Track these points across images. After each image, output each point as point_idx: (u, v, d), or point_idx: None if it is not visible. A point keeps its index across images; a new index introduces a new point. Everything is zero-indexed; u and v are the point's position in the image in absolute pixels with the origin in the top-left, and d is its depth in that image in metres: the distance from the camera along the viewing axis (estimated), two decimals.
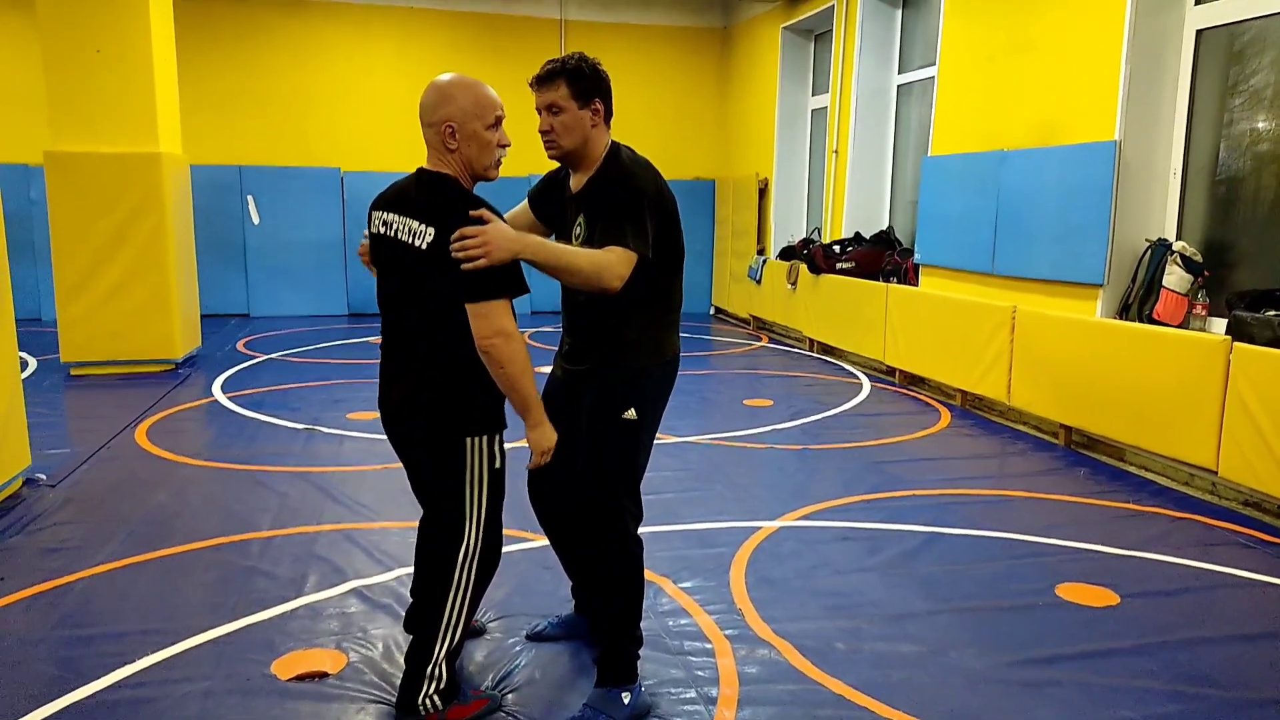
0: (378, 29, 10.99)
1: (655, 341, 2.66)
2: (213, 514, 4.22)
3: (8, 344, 4.42)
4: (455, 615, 2.48)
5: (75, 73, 6.98)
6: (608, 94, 2.62)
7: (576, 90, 2.55)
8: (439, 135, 2.35)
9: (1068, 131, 5.82)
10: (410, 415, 2.43)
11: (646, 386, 2.66)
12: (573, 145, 2.60)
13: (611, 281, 2.43)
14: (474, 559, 2.48)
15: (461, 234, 2.24)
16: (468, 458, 2.40)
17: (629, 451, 2.65)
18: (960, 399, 6.70)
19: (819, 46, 10.14)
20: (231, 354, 8.39)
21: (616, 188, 2.56)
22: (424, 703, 2.51)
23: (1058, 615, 3.32)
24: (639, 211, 2.52)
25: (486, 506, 2.47)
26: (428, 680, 2.50)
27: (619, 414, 2.60)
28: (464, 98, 2.35)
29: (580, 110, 2.56)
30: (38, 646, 3.01)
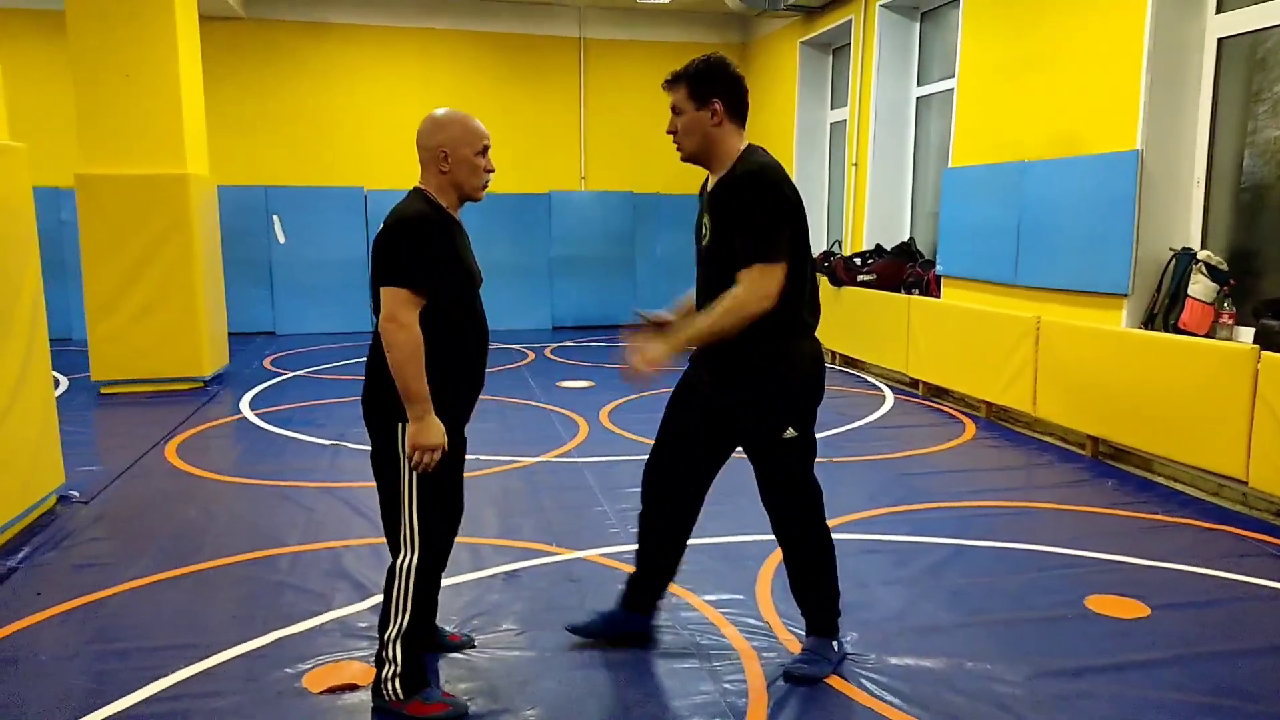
0: (399, 50, 11.12)
1: (798, 353, 2.71)
2: (242, 529, 4.27)
3: (42, 364, 4.50)
4: (401, 598, 2.62)
5: (105, 97, 7.12)
6: (731, 93, 2.65)
7: (694, 91, 2.62)
8: (433, 158, 2.61)
9: (1089, 141, 5.81)
10: (364, 405, 2.66)
11: (801, 402, 2.75)
12: (695, 147, 2.68)
13: (759, 307, 2.54)
14: (411, 546, 2.62)
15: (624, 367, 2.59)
16: (399, 442, 2.57)
17: (801, 460, 2.82)
18: (985, 410, 6.67)
19: (837, 60, 10.17)
20: (258, 371, 8.48)
21: (743, 193, 2.57)
22: (384, 686, 2.65)
23: (1087, 627, 3.30)
24: (777, 216, 2.55)
25: (418, 498, 2.60)
26: (385, 663, 2.65)
27: (779, 436, 2.72)
28: (456, 127, 2.62)
29: (698, 111, 2.63)
30: (73, 660, 3.05)
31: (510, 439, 5.85)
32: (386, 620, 2.64)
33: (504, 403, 6.75)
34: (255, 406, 6.93)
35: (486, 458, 5.17)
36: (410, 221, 2.51)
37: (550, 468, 5.27)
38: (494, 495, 4.68)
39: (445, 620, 3.22)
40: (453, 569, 3.73)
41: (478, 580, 3.66)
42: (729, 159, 2.66)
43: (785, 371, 2.69)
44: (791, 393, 2.72)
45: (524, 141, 11.24)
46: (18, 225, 4.31)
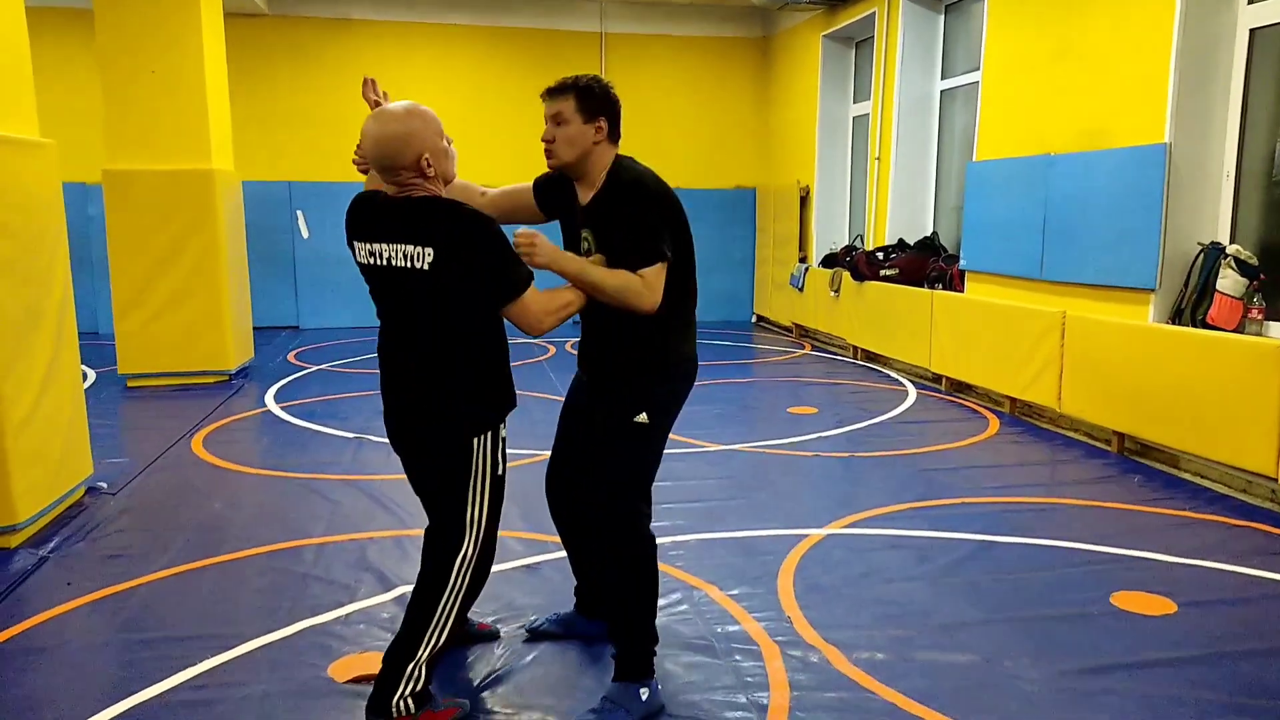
0: (420, 45, 11.15)
1: (668, 346, 2.69)
2: (267, 521, 4.31)
3: (71, 357, 4.55)
4: (443, 618, 2.54)
5: (131, 93, 7.18)
6: (615, 115, 2.68)
7: (583, 105, 2.62)
8: (417, 171, 2.40)
9: (1116, 135, 5.74)
10: (420, 419, 2.52)
11: (658, 391, 2.70)
12: (571, 158, 2.66)
13: (645, 303, 2.55)
14: (470, 564, 2.56)
15: (518, 233, 2.44)
16: (473, 458, 2.50)
17: (639, 455, 2.70)
18: (1009, 406, 6.62)
19: (860, 54, 10.11)
20: (283, 365, 8.55)
21: (628, 201, 2.61)
22: (398, 704, 2.52)
23: (1114, 624, 3.27)
24: (654, 221, 2.58)
25: (487, 513, 2.57)
26: (406, 679, 2.52)
27: (630, 417, 2.65)
28: (424, 127, 2.40)
29: (584, 125, 2.62)
30: (103, 649, 3.10)
31: (532, 433, 5.86)
32: (420, 638, 2.52)
33: (525, 396, 6.75)
34: (280, 400, 6.98)
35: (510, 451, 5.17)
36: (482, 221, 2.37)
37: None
38: (515, 489, 4.66)
39: None
40: None
41: (499, 573, 3.67)
42: (601, 172, 2.69)
43: (659, 357, 2.67)
44: (657, 378, 2.68)
45: None
46: (48, 220, 4.37)
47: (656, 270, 2.56)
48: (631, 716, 2.62)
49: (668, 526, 4.20)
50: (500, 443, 2.58)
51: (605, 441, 2.69)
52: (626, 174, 2.66)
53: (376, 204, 2.51)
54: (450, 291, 2.39)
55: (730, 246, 11.82)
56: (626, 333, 2.65)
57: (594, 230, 2.68)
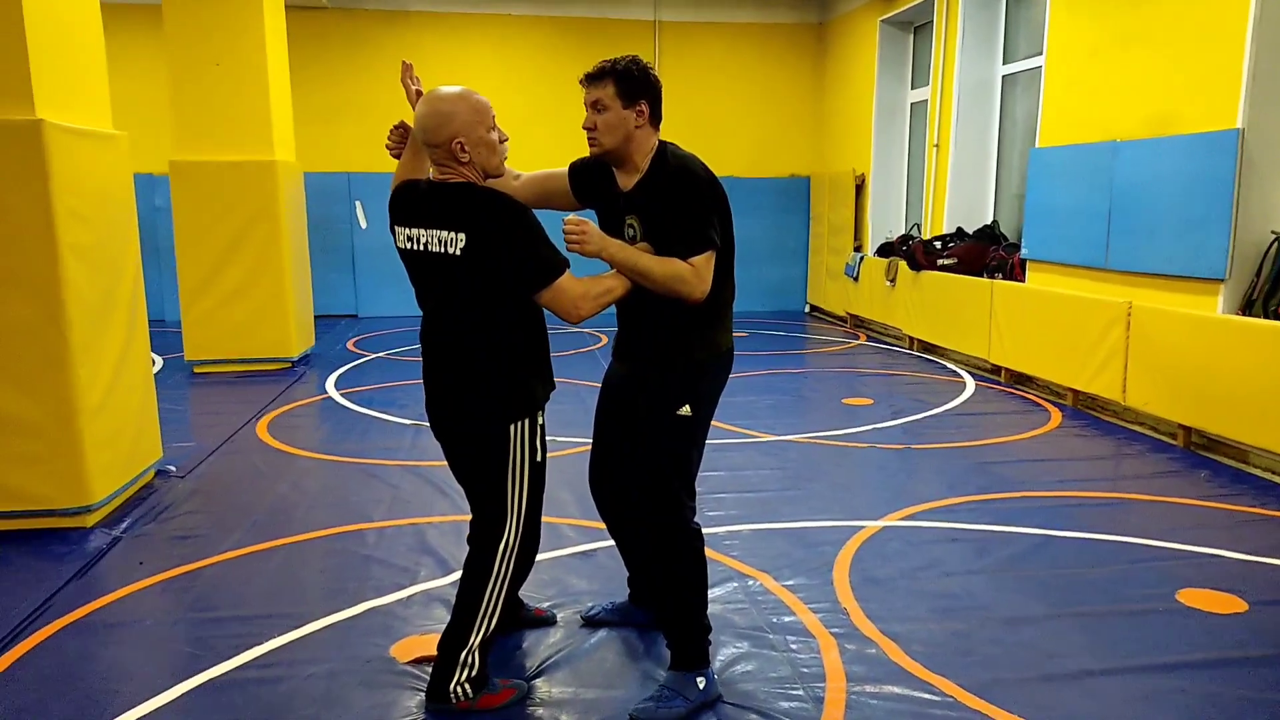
0: (476, 36, 11.23)
1: (708, 337, 2.67)
2: (330, 505, 4.40)
3: (142, 344, 4.69)
4: (492, 604, 2.58)
5: (197, 86, 7.36)
6: (656, 97, 2.64)
7: (623, 90, 2.58)
8: (449, 153, 2.43)
9: (1185, 120, 5.58)
10: (457, 406, 2.54)
11: (700, 382, 2.67)
12: (613, 144, 2.63)
13: (695, 292, 2.53)
14: (513, 550, 2.59)
15: (567, 220, 2.43)
16: (511, 445, 2.51)
17: (684, 447, 2.68)
18: (1071, 398, 6.48)
19: (919, 38, 9.94)
20: (342, 353, 8.71)
21: (677, 188, 2.57)
22: (455, 690, 2.59)
23: (1180, 622, 3.20)
24: (704, 208, 2.55)
25: (527, 498, 2.58)
26: (461, 667, 2.58)
27: (673, 410, 2.63)
28: (464, 111, 2.41)
29: (625, 110, 2.59)
30: (174, 627, 3.20)
31: (586, 420, 5.89)
32: (471, 625, 2.57)
33: (578, 385, 6.81)
34: (340, 386, 7.12)
35: (564, 439, 5.22)
36: (516, 209, 2.39)
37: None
38: (570, 476, 4.72)
39: (524, 594, 3.28)
40: None
41: (556, 559, 3.72)
42: (645, 157, 2.65)
43: (700, 349, 2.64)
44: (699, 369, 2.65)
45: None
46: (120, 210, 4.50)
47: (706, 259, 2.54)
48: (690, 704, 2.63)
49: (721, 516, 4.21)
50: (538, 430, 2.58)
51: (648, 435, 2.67)
52: (673, 160, 2.63)
53: (417, 190, 2.55)
54: (483, 277, 2.40)
55: (784, 236, 11.73)
56: (666, 324, 2.63)
57: (640, 216, 2.65)
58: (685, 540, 2.67)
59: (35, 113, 3.84)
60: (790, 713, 2.64)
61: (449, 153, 2.42)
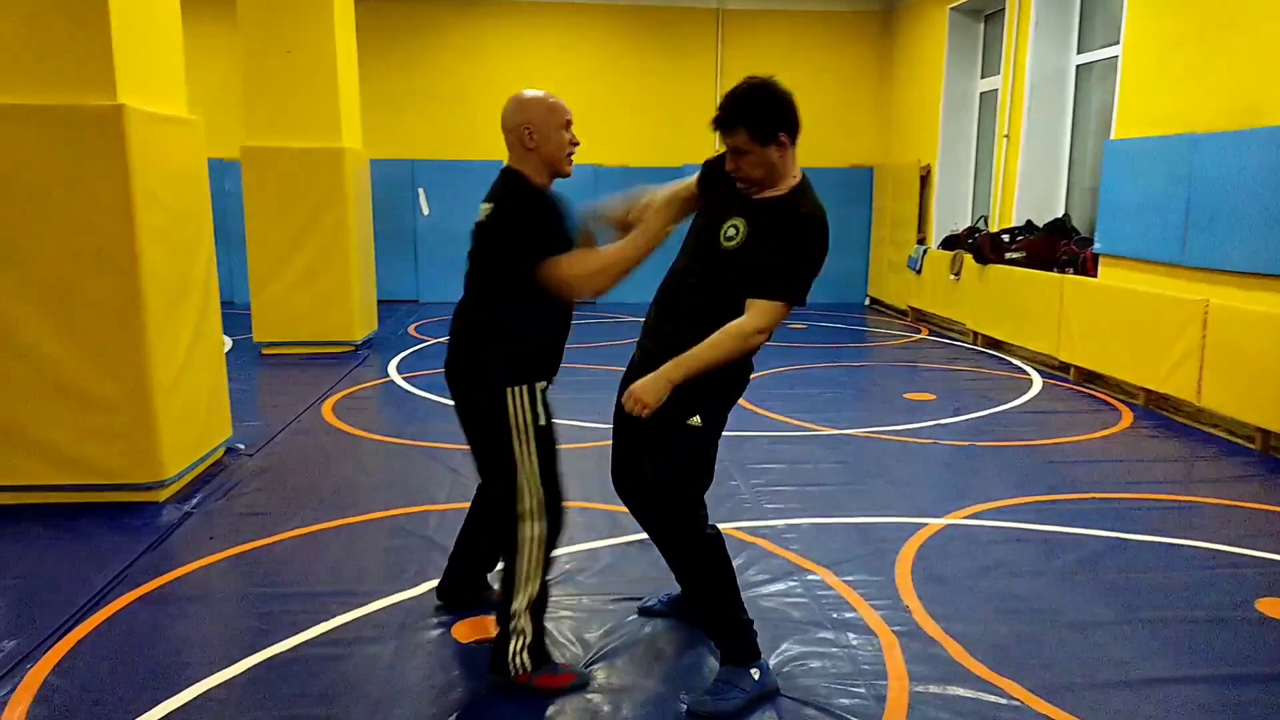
0: (542, 25, 11.27)
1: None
2: (393, 486, 4.47)
3: (214, 325, 4.81)
4: (529, 569, 2.63)
5: (268, 72, 7.50)
6: (791, 120, 2.52)
7: (757, 133, 2.49)
8: (518, 137, 2.62)
9: (1268, 113, 5.35)
10: (460, 371, 2.68)
11: (713, 394, 2.62)
12: (763, 177, 2.56)
13: (757, 342, 2.51)
14: (539, 513, 2.63)
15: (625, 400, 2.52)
16: (510, 409, 2.58)
17: (691, 457, 2.64)
18: (1143, 398, 6.30)
19: (989, 27, 9.71)
20: (404, 337, 8.84)
21: (798, 230, 2.50)
22: (514, 660, 2.63)
23: (1260, 632, 3.09)
24: (812, 263, 2.51)
25: (539, 461, 2.62)
26: (513, 634, 2.63)
27: (684, 420, 2.58)
28: (538, 106, 2.63)
29: (765, 148, 2.50)
30: (242, 601, 3.28)
31: None
32: (513, 592, 2.62)
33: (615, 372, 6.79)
34: (402, 371, 7.22)
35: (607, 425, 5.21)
36: (532, 199, 2.57)
37: None
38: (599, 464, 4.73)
39: (584, 581, 3.30)
40: (590, 535, 3.81)
41: (612, 547, 3.72)
42: (786, 181, 2.57)
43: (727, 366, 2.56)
44: (712, 380, 2.57)
45: (659, 115, 11.22)
46: (195, 193, 4.61)
47: (781, 307, 2.48)
48: (747, 695, 2.61)
49: (781, 509, 4.17)
50: (539, 395, 2.63)
51: (657, 442, 2.63)
52: (805, 203, 2.55)
53: None
54: (491, 247, 2.60)
55: (845, 227, 11.56)
56: (686, 332, 2.55)
57: (750, 224, 2.55)
58: (699, 544, 2.65)
59: (117, 98, 3.94)
60: (852, 710, 2.60)
61: (518, 137, 2.61)
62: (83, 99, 3.90)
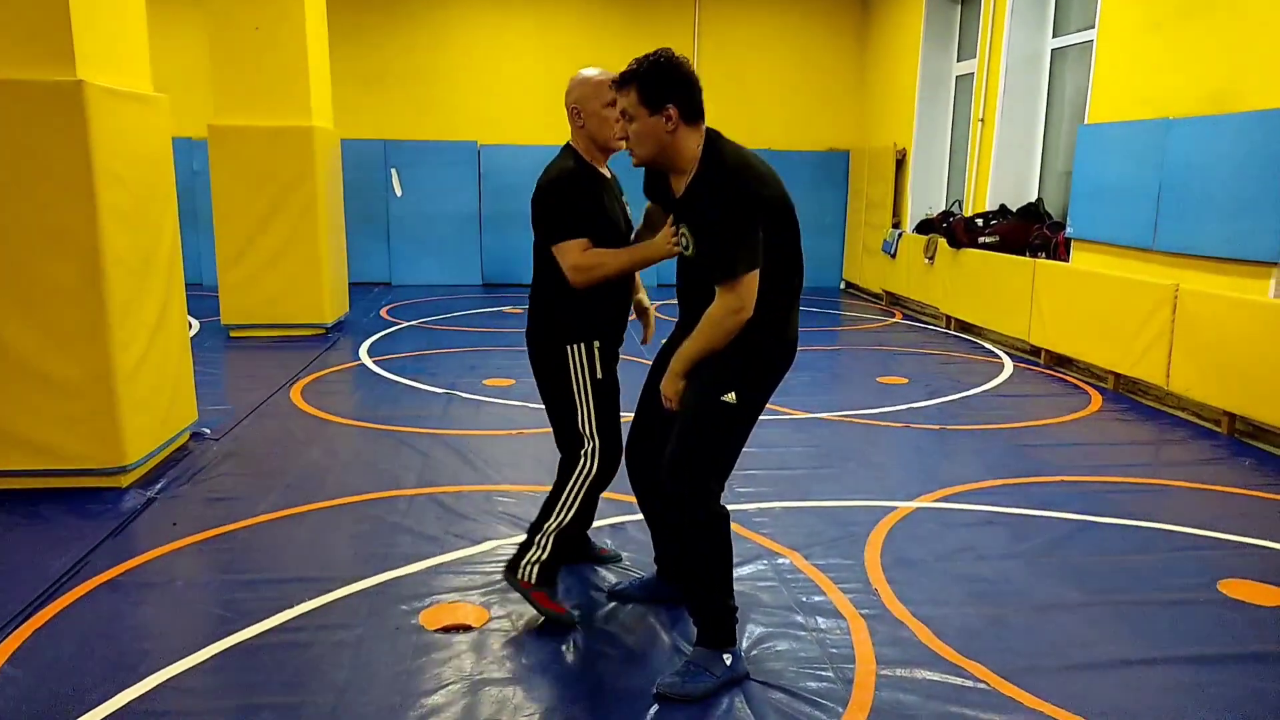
0: (515, 7, 11.13)
1: (764, 325, 2.54)
2: (362, 471, 4.42)
3: (179, 307, 4.72)
4: (569, 503, 2.90)
5: (237, 50, 7.37)
6: (686, 95, 2.46)
7: (646, 97, 2.45)
8: (571, 116, 2.88)
9: (1242, 98, 5.38)
10: (530, 329, 2.96)
11: (750, 371, 2.58)
12: (647, 154, 2.53)
13: (742, 317, 2.47)
14: (594, 457, 2.90)
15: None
16: (570, 364, 2.87)
17: (722, 435, 2.60)
18: (1112, 382, 6.35)
19: (966, 10, 9.70)
20: (376, 320, 8.75)
21: (711, 204, 2.44)
22: (525, 567, 2.92)
23: (1221, 613, 3.12)
24: (742, 224, 2.41)
25: (595, 410, 2.89)
26: (535, 547, 2.91)
27: (717, 396, 2.55)
28: (584, 85, 2.85)
29: (651, 117, 2.46)
30: (206, 588, 3.23)
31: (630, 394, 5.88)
32: (549, 512, 2.91)
33: None
34: (373, 354, 7.15)
35: None
36: (555, 181, 2.79)
37: None
38: None
39: None
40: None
41: None
42: (690, 162, 2.52)
43: (754, 338, 2.53)
44: (750, 358, 2.56)
45: None
46: (159, 173, 4.52)
47: (735, 283, 2.42)
48: (716, 680, 2.61)
49: (752, 493, 4.17)
50: (597, 352, 2.87)
51: (689, 415, 2.60)
52: (716, 164, 2.48)
53: None
54: (534, 223, 2.86)
55: (820, 211, 11.56)
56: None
57: (689, 227, 2.54)
58: (710, 521, 2.62)
59: (76, 73, 3.84)
60: (819, 693, 2.60)
61: (570, 116, 2.87)
62: (39, 74, 3.80)
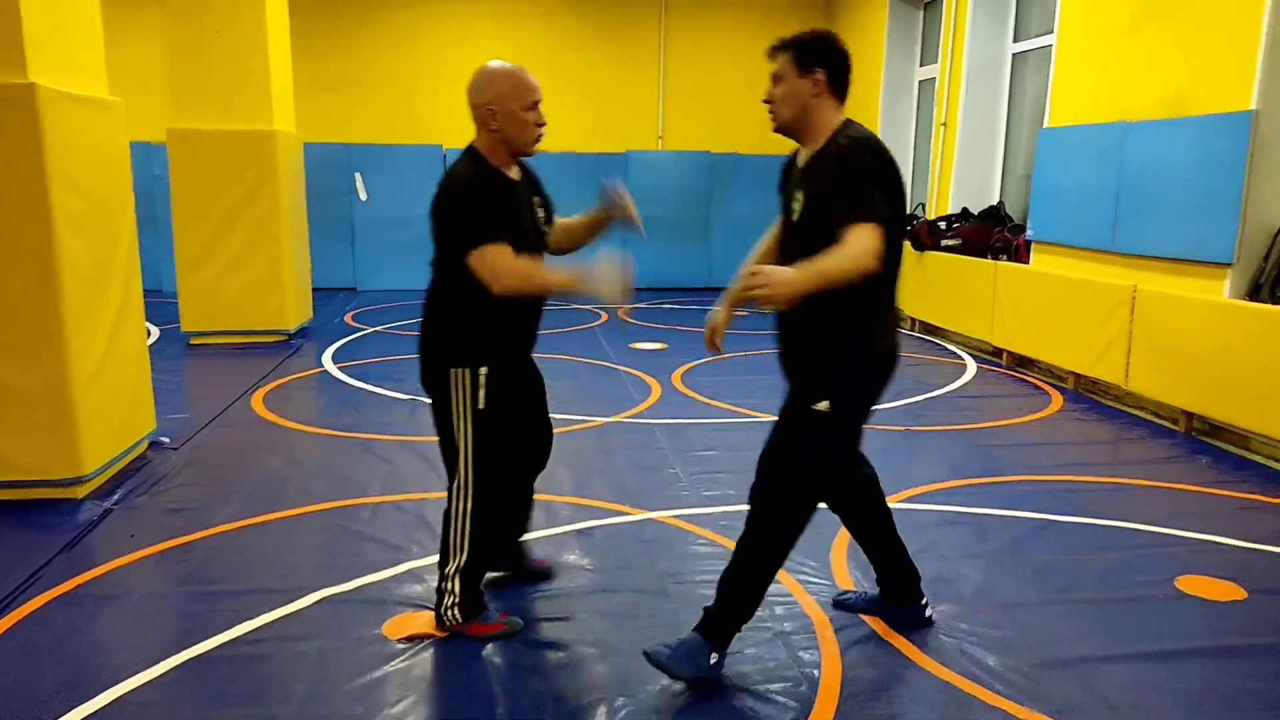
0: (480, 9, 11.10)
1: (855, 329, 2.51)
2: (325, 479, 4.37)
3: (136, 314, 4.64)
4: (459, 537, 2.79)
5: (196, 53, 7.26)
6: (837, 66, 2.56)
7: (799, 58, 2.54)
8: (481, 116, 2.63)
9: (1198, 102, 5.49)
10: (419, 346, 2.79)
11: (843, 378, 2.54)
12: (790, 116, 2.58)
13: (868, 263, 2.33)
14: (466, 491, 2.76)
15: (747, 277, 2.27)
16: (452, 390, 2.69)
17: (813, 445, 2.56)
18: (1073, 382, 6.44)
19: (928, 15, 9.82)
20: (340, 326, 8.67)
21: (843, 159, 2.44)
22: (445, 614, 2.85)
23: (1179, 609, 3.17)
24: (867, 181, 2.40)
25: (473, 445, 2.72)
26: (445, 594, 2.84)
27: (809, 404, 2.53)
28: (504, 82, 2.62)
29: (799, 79, 2.55)
30: (165, 600, 3.17)
31: (583, 398, 5.87)
32: (446, 558, 2.82)
33: (577, 362, 6.77)
34: (337, 360, 7.08)
35: (560, 416, 5.17)
36: (466, 185, 2.59)
37: (622, 428, 5.27)
38: (567, 454, 4.69)
39: None
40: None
41: (551, 537, 3.69)
42: (824, 132, 2.54)
43: (849, 344, 2.52)
44: (845, 365, 2.54)
45: (602, 100, 11.15)
46: (116, 178, 4.44)
47: (870, 229, 2.34)
48: (698, 673, 2.62)
49: (718, 496, 4.18)
50: (481, 379, 2.68)
51: (783, 425, 2.59)
52: (850, 133, 2.50)
53: None
54: (433, 230, 2.66)
55: None
56: (812, 315, 2.48)
57: (807, 191, 2.52)
58: (784, 529, 2.60)
59: (28, 76, 3.76)
60: (785, 693, 2.61)
61: (480, 117, 2.63)
62: None
